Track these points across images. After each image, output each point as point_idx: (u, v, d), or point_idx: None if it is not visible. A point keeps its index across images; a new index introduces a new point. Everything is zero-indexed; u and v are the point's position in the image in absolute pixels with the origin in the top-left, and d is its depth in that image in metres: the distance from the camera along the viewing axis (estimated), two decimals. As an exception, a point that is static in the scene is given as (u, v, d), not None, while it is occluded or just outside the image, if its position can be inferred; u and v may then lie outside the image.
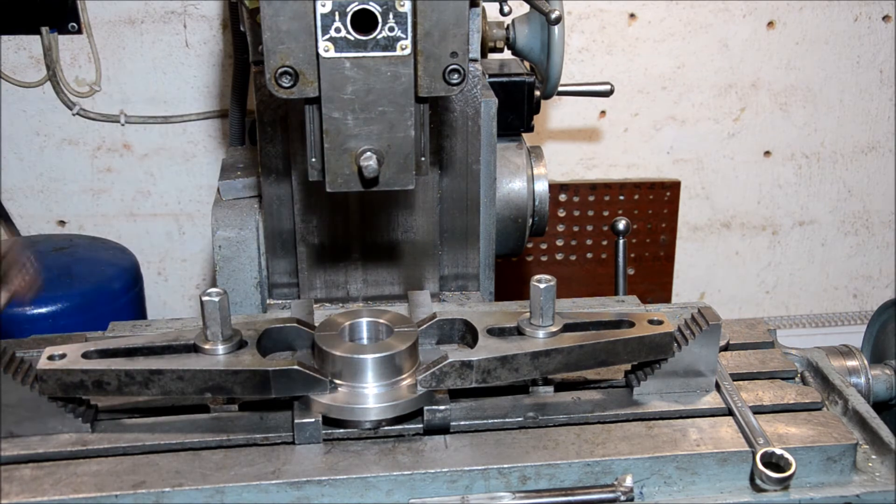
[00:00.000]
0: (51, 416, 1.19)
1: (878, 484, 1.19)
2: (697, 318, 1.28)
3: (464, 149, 1.59)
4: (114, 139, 2.64)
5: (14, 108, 2.57)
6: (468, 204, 1.63)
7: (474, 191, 1.62)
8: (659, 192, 2.87)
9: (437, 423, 1.21)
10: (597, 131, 2.84)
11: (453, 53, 1.14)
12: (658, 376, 1.30)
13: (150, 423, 1.23)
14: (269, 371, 1.16)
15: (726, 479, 1.19)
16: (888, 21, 2.79)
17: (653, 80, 2.78)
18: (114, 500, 1.10)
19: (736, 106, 2.84)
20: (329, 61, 1.12)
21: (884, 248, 3.10)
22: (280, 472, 1.14)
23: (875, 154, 2.97)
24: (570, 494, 1.15)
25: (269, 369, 1.16)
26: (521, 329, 1.27)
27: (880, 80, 2.86)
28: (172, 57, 2.57)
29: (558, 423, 1.25)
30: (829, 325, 3.13)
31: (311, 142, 1.22)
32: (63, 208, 2.71)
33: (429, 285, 1.66)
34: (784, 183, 2.97)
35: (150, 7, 2.51)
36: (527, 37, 1.90)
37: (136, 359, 1.19)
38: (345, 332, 1.26)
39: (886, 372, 1.48)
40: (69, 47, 2.52)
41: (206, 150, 2.69)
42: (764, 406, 1.29)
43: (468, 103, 1.56)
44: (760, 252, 3.06)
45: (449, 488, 1.15)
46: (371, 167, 1.17)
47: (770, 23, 2.75)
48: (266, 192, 1.59)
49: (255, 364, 1.17)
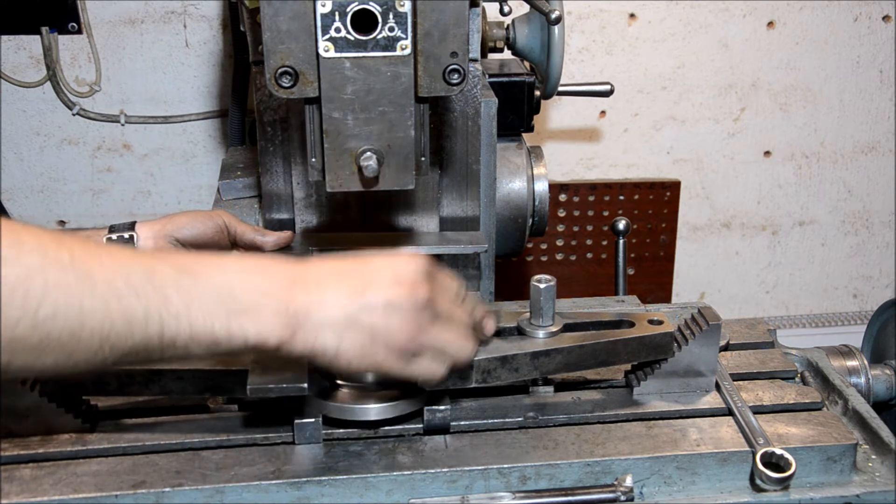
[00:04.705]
0: (51, 416, 1.19)
1: (878, 484, 1.19)
2: (697, 318, 1.28)
3: (464, 149, 1.59)
4: (114, 139, 2.64)
5: (14, 108, 2.57)
6: (468, 204, 1.63)
7: (474, 191, 1.62)
8: (659, 192, 2.87)
9: (437, 423, 1.22)
10: (597, 131, 2.83)
11: (453, 53, 1.14)
12: (658, 376, 1.30)
13: (150, 423, 1.23)
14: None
15: (726, 479, 1.19)
16: (888, 21, 2.79)
17: (653, 80, 2.78)
18: (114, 500, 1.10)
19: (736, 106, 2.84)
20: (329, 61, 1.12)
21: (884, 248, 3.10)
22: (280, 472, 1.14)
23: (875, 154, 2.96)
24: (570, 494, 1.15)
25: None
26: (521, 329, 1.27)
27: (880, 80, 2.86)
28: (172, 57, 2.57)
29: (558, 423, 1.26)
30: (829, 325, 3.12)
31: (311, 142, 1.22)
32: (63, 208, 2.71)
33: (429, 285, 1.66)
34: (784, 183, 2.97)
35: (150, 7, 2.51)
36: (527, 37, 1.90)
37: (136, 359, 1.19)
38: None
39: (886, 372, 1.48)
40: (69, 47, 2.52)
41: (206, 150, 2.69)
42: (764, 406, 1.29)
43: (468, 103, 1.56)
44: (760, 252, 3.06)
45: (449, 488, 1.15)
46: (371, 167, 1.17)
47: (770, 23, 2.75)
48: (266, 191, 1.59)
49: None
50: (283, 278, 0.97)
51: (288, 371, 1.12)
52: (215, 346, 0.93)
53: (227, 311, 0.92)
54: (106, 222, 1.40)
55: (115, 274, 0.88)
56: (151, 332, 0.89)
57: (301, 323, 0.96)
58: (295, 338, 0.96)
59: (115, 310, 0.87)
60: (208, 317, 0.91)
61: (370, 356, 1.00)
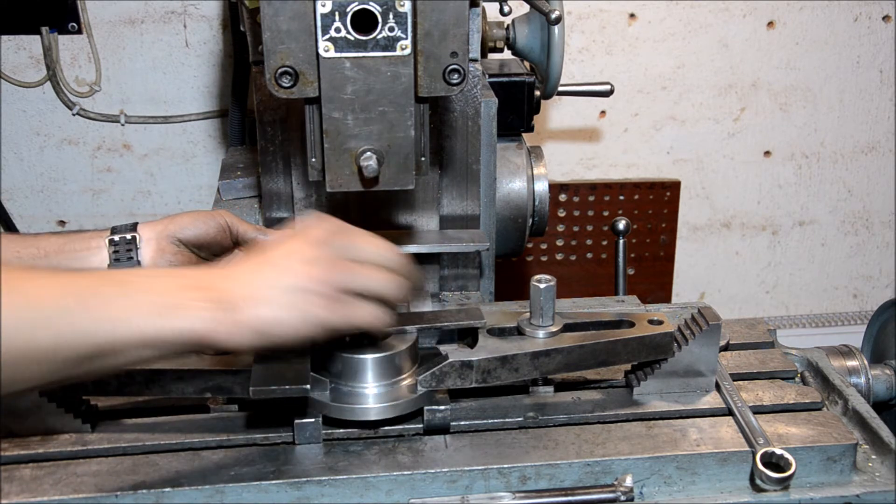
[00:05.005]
0: (51, 416, 1.19)
1: (878, 484, 1.19)
2: (697, 318, 1.28)
3: (464, 149, 1.59)
4: (114, 139, 2.64)
5: (14, 108, 2.57)
6: (468, 204, 1.63)
7: (474, 191, 1.62)
8: (659, 192, 2.87)
9: (437, 423, 1.22)
10: (597, 131, 2.84)
11: (453, 53, 1.14)
12: (658, 376, 1.30)
13: (150, 423, 1.23)
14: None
15: (726, 479, 1.19)
16: (888, 21, 2.79)
17: (653, 80, 2.78)
18: (114, 500, 1.10)
19: (736, 106, 2.84)
20: (329, 61, 1.12)
21: (884, 248, 3.10)
22: (280, 472, 1.14)
23: (875, 154, 2.96)
24: (570, 494, 1.15)
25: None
26: (521, 329, 1.27)
27: (880, 80, 2.86)
28: (172, 57, 2.57)
29: (558, 423, 1.25)
30: (829, 325, 3.12)
31: (311, 142, 1.22)
32: (63, 208, 2.71)
33: (429, 285, 1.66)
34: (784, 183, 2.97)
35: (150, 7, 2.50)
36: (527, 37, 1.90)
37: (136, 359, 1.19)
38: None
39: (886, 372, 1.48)
40: (69, 47, 2.52)
41: (206, 150, 2.69)
42: (764, 406, 1.29)
43: (468, 103, 1.56)
44: (760, 252, 3.06)
45: (449, 488, 1.15)
46: (371, 167, 1.17)
47: (770, 23, 2.75)
48: (266, 191, 1.59)
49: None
50: (209, 275, 1.06)
51: (290, 372, 1.12)
52: (162, 345, 0.99)
53: (162, 311, 0.98)
54: (106, 222, 1.40)
55: (61, 292, 0.95)
56: (100, 342, 0.95)
57: (234, 306, 1.01)
58: (234, 322, 1.01)
59: (63, 325, 0.93)
60: (148, 319, 0.97)
61: (309, 313, 1.04)
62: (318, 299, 1.05)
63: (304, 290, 1.05)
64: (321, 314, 1.05)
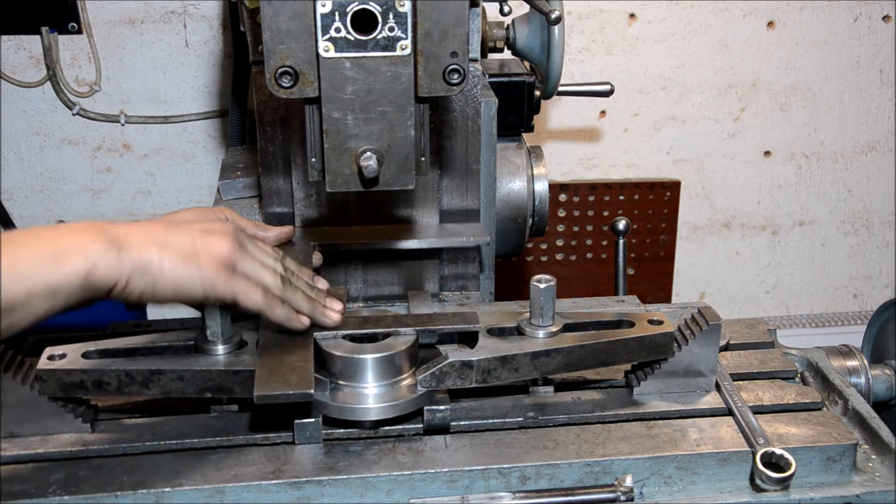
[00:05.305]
0: (51, 416, 1.19)
1: (878, 484, 1.19)
2: (697, 318, 1.28)
3: (464, 149, 1.59)
4: (114, 139, 2.64)
5: (14, 108, 2.57)
6: (468, 204, 1.63)
7: (474, 191, 1.62)
8: (659, 192, 2.87)
9: (437, 423, 1.22)
10: (597, 131, 2.84)
11: (453, 53, 1.14)
12: (658, 376, 1.30)
13: (150, 423, 1.23)
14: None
15: (726, 479, 1.19)
16: (888, 21, 2.79)
17: (653, 80, 2.78)
18: (114, 500, 1.10)
19: (736, 106, 2.84)
20: (329, 61, 1.12)
21: (884, 248, 3.10)
22: (280, 472, 1.14)
23: (875, 154, 2.96)
24: (570, 494, 1.15)
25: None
26: (521, 329, 1.27)
27: (880, 80, 2.86)
28: (172, 57, 2.57)
29: (558, 423, 1.25)
30: (829, 325, 3.12)
31: (311, 142, 1.22)
32: (63, 208, 2.71)
33: (429, 285, 1.66)
34: (784, 183, 2.97)
35: (150, 7, 2.51)
36: (527, 37, 1.90)
37: (136, 359, 1.19)
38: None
39: (886, 372, 1.48)
40: (69, 47, 2.52)
41: (206, 150, 2.69)
42: (764, 406, 1.29)
43: (468, 103, 1.56)
44: (760, 252, 3.06)
45: (449, 488, 1.15)
46: (371, 167, 1.17)
47: (770, 23, 2.75)
48: (266, 191, 1.59)
49: (255, 364, 1.17)
50: (99, 223, 1.08)
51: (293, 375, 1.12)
52: (59, 293, 1.01)
53: (53, 258, 1.01)
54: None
55: None
56: (6, 298, 0.97)
57: (122, 243, 1.05)
58: (120, 258, 1.04)
59: None
60: (41, 269, 1.00)
61: (193, 265, 1.09)
62: (209, 262, 1.10)
63: (197, 250, 1.10)
64: (208, 274, 1.10)
